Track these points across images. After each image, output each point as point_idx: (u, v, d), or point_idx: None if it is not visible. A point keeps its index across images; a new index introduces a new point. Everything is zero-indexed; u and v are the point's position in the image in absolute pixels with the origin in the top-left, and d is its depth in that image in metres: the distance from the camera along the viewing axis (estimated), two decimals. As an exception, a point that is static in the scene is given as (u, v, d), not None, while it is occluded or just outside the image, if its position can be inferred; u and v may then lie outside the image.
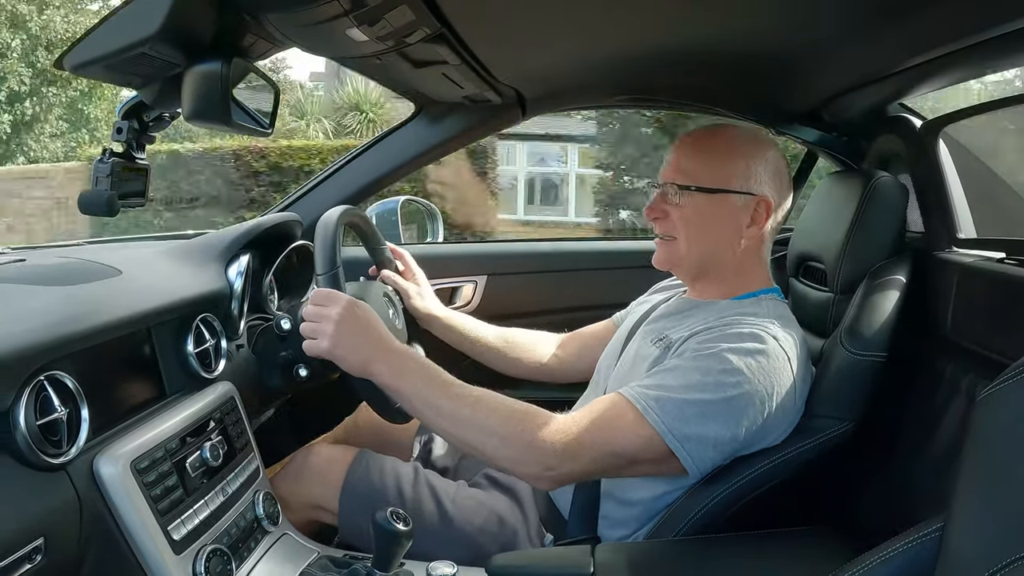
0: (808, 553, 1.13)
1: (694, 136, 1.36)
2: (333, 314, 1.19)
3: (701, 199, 1.29)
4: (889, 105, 1.60)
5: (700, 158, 1.32)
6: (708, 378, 1.13)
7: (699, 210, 1.30)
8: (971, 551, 0.64)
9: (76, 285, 1.08)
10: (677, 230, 1.32)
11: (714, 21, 1.23)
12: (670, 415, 1.12)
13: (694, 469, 1.15)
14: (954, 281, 1.28)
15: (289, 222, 1.63)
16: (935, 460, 1.18)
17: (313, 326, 1.21)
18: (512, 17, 1.19)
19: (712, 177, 1.29)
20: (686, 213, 1.30)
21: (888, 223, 1.39)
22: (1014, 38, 1.07)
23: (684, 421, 1.12)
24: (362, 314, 1.22)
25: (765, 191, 1.30)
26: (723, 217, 1.30)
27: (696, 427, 1.13)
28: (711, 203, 1.29)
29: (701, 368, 1.15)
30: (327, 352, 1.20)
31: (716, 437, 1.13)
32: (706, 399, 1.13)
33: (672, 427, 1.12)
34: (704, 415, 1.13)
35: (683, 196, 1.30)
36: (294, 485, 1.43)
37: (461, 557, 1.17)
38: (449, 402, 1.17)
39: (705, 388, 1.13)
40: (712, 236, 1.31)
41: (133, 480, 1.00)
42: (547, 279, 2.17)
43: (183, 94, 1.00)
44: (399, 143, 1.89)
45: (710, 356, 1.15)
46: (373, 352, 1.19)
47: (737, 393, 1.13)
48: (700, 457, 1.14)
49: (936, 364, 1.26)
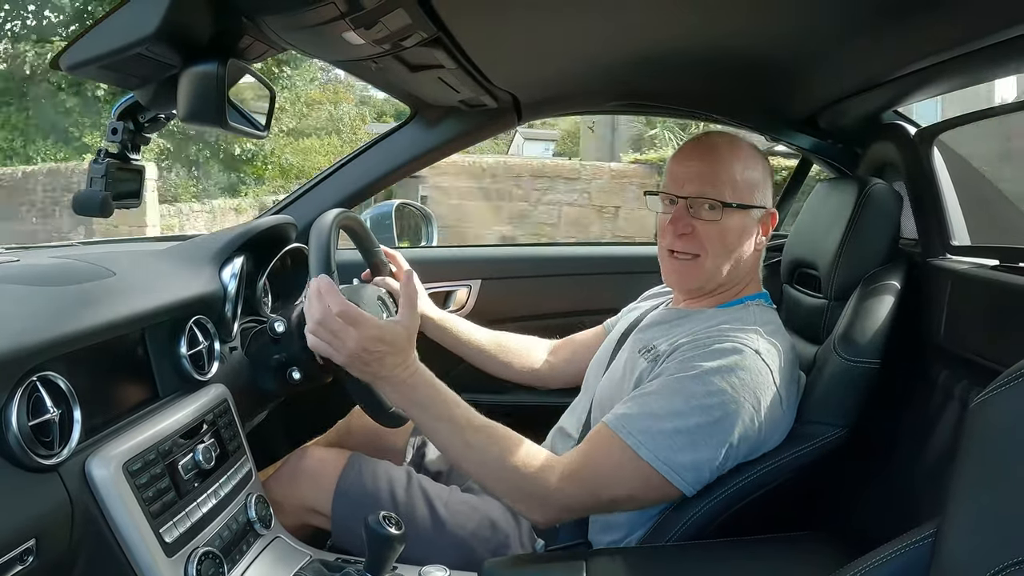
0: (802, 559, 1.13)
1: (722, 150, 1.31)
2: (351, 342, 1.12)
3: (736, 215, 1.28)
4: (884, 113, 1.61)
5: (733, 173, 1.28)
6: (692, 402, 1.14)
7: (733, 227, 1.28)
8: (965, 556, 0.64)
9: (70, 286, 1.07)
10: (703, 247, 1.29)
11: (711, 28, 1.24)
12: (662, 448, 1.13)
13: (691, 491, 1.16)
14: (948, 288, 1.28)
15: (284, 225, 1.63)
16: (929, 466, 1.18)
17: (329, 340, 1.13)
18: (509, 22, 1.19)
19: (745, 193, 1.28)
20: (720, 229, 1.28)
21: (882, 230, 1.40)
22: (1008, 47, 1.08)
23: (677, 451, 1.13)
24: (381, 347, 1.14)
25: (770, 203, 1.32)
26: (749, 232, 1.30)
27: (688, 455, 1.13)
28: (742, 219, 1.29)
29: (684, 392, 1.15)
30: (341, 363, 1.15)
31: (709, 460, 1.14)
32: (693, 425, 1.13)
33: (666, 460, 1.13)
34: (694, 442, 1.13)
35: (712, 212, 1.27)
36: (287, 488, 1.42)
37: (453, 561, 1.17)
38: (454, 438, 1.17)
39: (691, 413, 1.13)
40: (738, 252, 1.30)
41: (125, 482, 0.99)
42: (541, 283, 2.18)
43: (179, 95, 1.00)
44: (394, 147, 1.89)
45: (693, 379, 1.15)
46: (384, 377, 1.16)
47: (723, 414, 1.13)
48: (696, 480, 1.15)
49: (930, 371, 1.26)
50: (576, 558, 1.12)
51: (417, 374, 1.18)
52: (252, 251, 1.48)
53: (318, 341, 1.14)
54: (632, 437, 1.14)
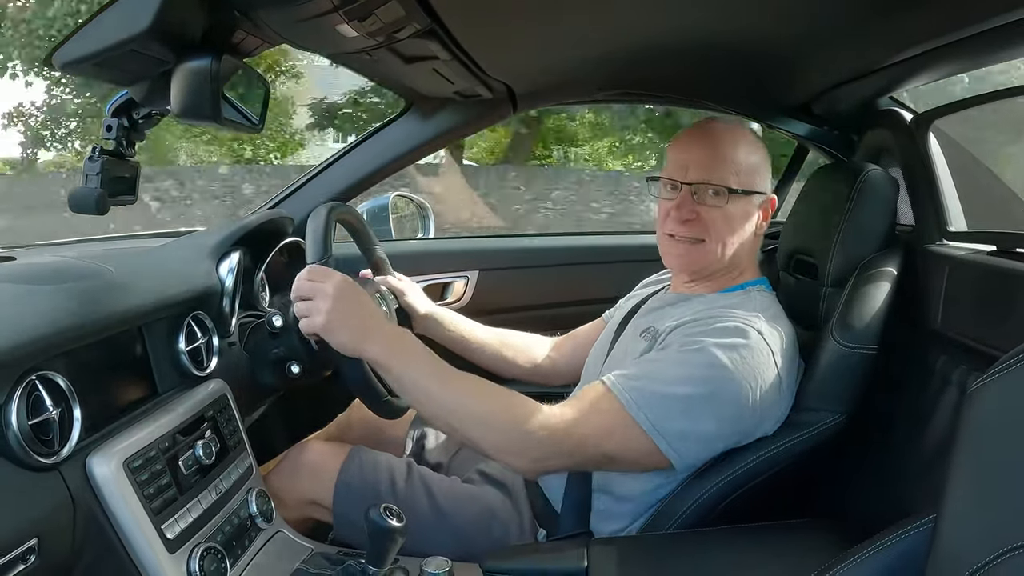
0: (802, 545, 1.14)
1: (723, 135, 1.32)
2: (328, 288, 1.16)
3: (740, 201, 1.29)
4: (880, 99, 1.61)
5: (737, 160, 1.29)
6: (692, 372, 1.14)
7: (737, 213, 1.29)
8: (963, 542, 0.64)
9: (67, 284, 1.07)
10: (708, 232, 1.30)
11: (705, 15, 1.23)
12: (654, 410, 1.13)
13: (679, 463, 1.16)
14: (945, 274, 1.28)
15: (280, 219, 1.63)
16: (927, 452, 1.18)
17: (307, 304, 1.18)
18: (502, 12, 1.19)
19: (748, 179, 1.29)
20: (725, 215, 1.29)
21: (878, 216, 1.40)
22: (1004, 32, 1.08)
23: (668, 416, 1.13)
24: (356, 290, 1.20)
25: (769, 188, 1.33)
26: (751, 218, 1.32)
27: (680, 422, 1.13)
28: (745, 205, 1.30)
29: (685, 362, 1.15)
30: (322, 328, 1.16)
31: (700, 432, 1.14)
32: (689, 393, 1.13)
33: (656, 422, 1.13)
34: (688, 410, 1.13)
35: (721, 198, 1.28)
36: (287, 482, 1.42)
37: (455, 552, 1.17)
38: (439, 386, 1.17)
39: (688, 382, 1.14)
40: (741, 237, 1.32)
41: (126, 479, 0.99)
42: (539, 274, 2.18)
43: (173, 91, 1.00)
44: (390, 139, 1.88)
45: (694, 351, 1.16)
46: (367, 330, 1.17)
47: (720, 387, 1.13)
48: (684, 452, 1.15)
49: (927, 356, 1.26)
50: (577, 547, 1.12)
51: (399, 328, 1.23)
52: (249, 246, 1.48)
53: (301, 309, 1.19)
54: (624, 395, 1.14)
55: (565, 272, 2.19)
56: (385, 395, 1.25)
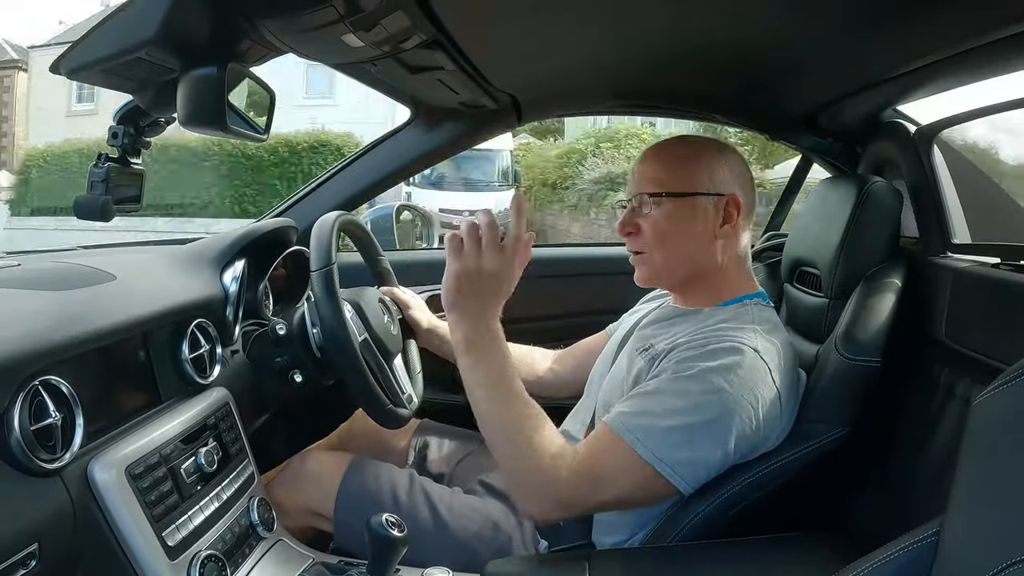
0: (805, 559, 1.13)
1: (657, 147, 1.35)
2: (484, 258, 1.14)
3: (671, 205, 1.28)
4: (884, 111, 1.61)
5: (665, 165, 1.30)
6: (689, 401, 1.13)
7: (670, 216, 1.28)
8: (968, 555, 0.64)
9: (71, 290, 1.08)
10: (649, 243, 1.30)
11: (711, 27, 1.24)
12: (658, 444, 1.12)
13: (688, 489, 1.15)
14: (948, 286, 1.28)
15: (284, 227, 1.63)
16: (931, 464, 1.18)
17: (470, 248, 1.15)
18: (508, 23, 1.19)
19: (679, 182, 1.28)
20: (658, 222, 1.28)
21: (882, 228, 1.40)
22: (1008, 44, 1.08)
23: (673, 448, 1.12)
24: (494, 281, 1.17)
25: (733, 189, 1.29)
26: (694, 220, 1.29)
27: (685, 452, 1.13)
28: (682, 207, 1.28)
29: (681, 391, 1.14)
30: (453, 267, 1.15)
31: (706, 459, 1.14)
32: (690, 423, 1.12)
33: (662, 456, 1.12)
34: (691, 440, 1.13)
35: (653, 206, 1.28)
36: (289, 491, 1.42)
37: (456, 563, 1.17)
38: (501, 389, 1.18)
39: (688, 412, 1.13)
40: (685, 241, 1.29)
41: (128, 486, 0.99)
42: (542, 285, 2.17)
43: (179, 99, 1.00)
44: (395, 148, 1.88)
45: (690, 378, 1.15)
46: (474, 311, 1.17)
47: (720, 412, 1.13)
48: (694, 479, 1.14)
49: (931, 369, 1.26)
50: (579, 559, 1.12)
51: (498, 327, 1.20)
52: (253, 254, 1.48)
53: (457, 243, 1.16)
54: (630, 434, 1.13)
55: (568, 283, 2.18)
56: (387, 404, 1.25)
